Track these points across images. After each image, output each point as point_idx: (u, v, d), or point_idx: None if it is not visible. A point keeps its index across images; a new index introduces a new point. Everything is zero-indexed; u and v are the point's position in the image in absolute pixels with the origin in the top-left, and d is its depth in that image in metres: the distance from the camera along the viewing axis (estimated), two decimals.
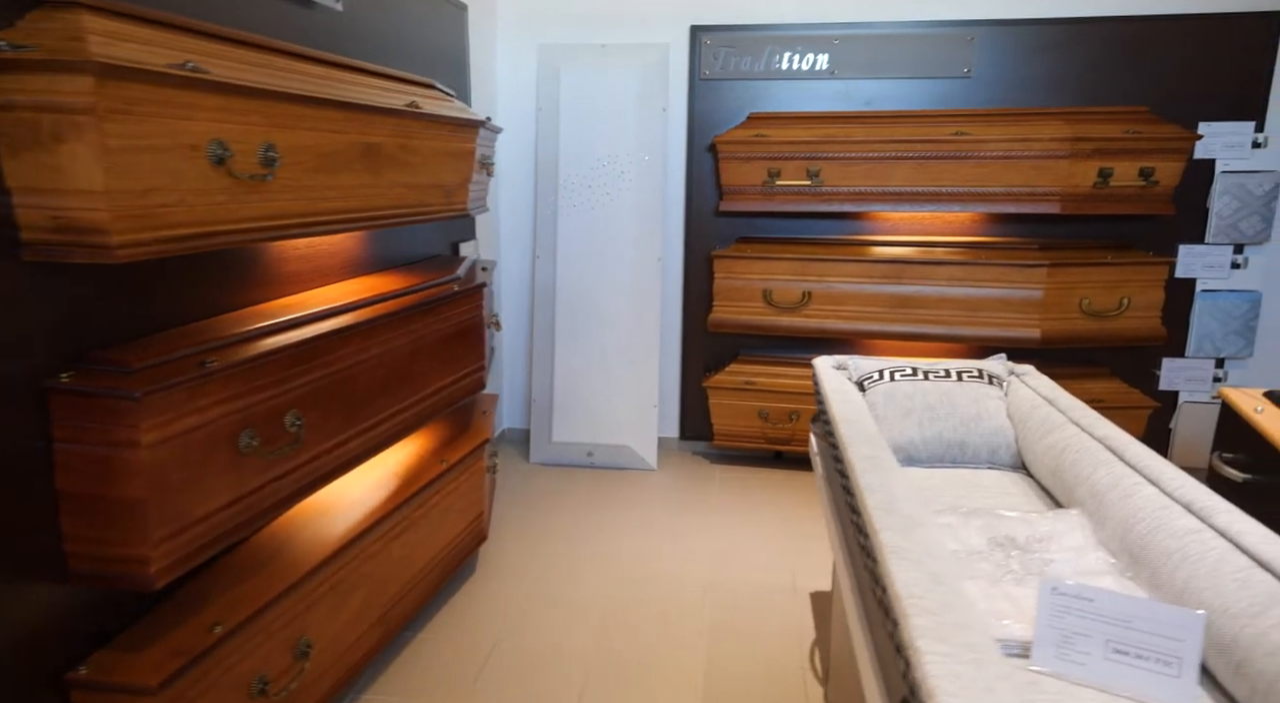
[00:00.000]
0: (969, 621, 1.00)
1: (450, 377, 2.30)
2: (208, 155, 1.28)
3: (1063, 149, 3.06)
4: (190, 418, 1.30)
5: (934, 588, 1.05)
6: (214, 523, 1.39)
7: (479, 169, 2.50)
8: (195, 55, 1.27)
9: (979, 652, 0.93)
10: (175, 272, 1.52)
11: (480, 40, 3.45)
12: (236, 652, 1.46)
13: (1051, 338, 3.22)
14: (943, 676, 0.85)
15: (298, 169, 1.53)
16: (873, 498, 1.32)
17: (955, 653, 0.90)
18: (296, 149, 1.51)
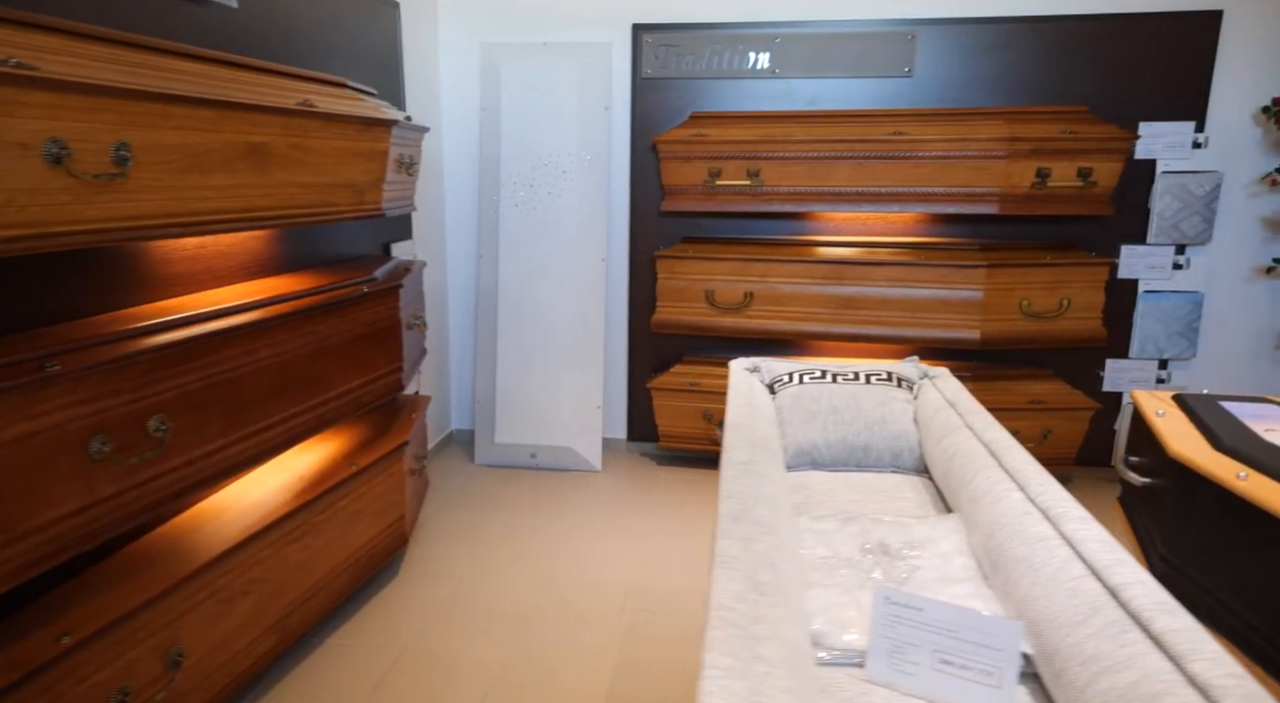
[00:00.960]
0: (779, 633, 0.98)
1: (360, 379, 2.27)
2: (42, 154, 1.25)
3: (1000, 149, 3.04)
4: (25, 424, 1.27)
5: (751, 599, 1.02)
6: (58, 531, 1.35)
7: (397, 169, 2.47)
8: (28, 51, 1.24)
9: (774, 665, 0.91)
10: (27, 272, 1.49)
11: (420, 39, 3.42)
12: (91, 662, 1.43)
13: (992, 339, 3.20)
14: (713, 692, 0.82)
15: (162, 168, 1.50)
16: (725, 505, 1.30)
17: (739, 667, 0.87)
18: (158, 148, 1.48)
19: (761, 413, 1.88)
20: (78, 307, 1.60)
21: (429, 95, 3.56)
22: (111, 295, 1.69)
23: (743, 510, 1.28)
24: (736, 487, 1.38)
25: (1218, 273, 3.33)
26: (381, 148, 2.28)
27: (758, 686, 0.84)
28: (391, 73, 3.09)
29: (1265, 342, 3.36)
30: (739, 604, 1.00)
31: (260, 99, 1.75)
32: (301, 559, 2.05)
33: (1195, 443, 1.70)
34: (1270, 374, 3.38)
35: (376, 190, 2.32)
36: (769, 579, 1.09)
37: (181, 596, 1.64)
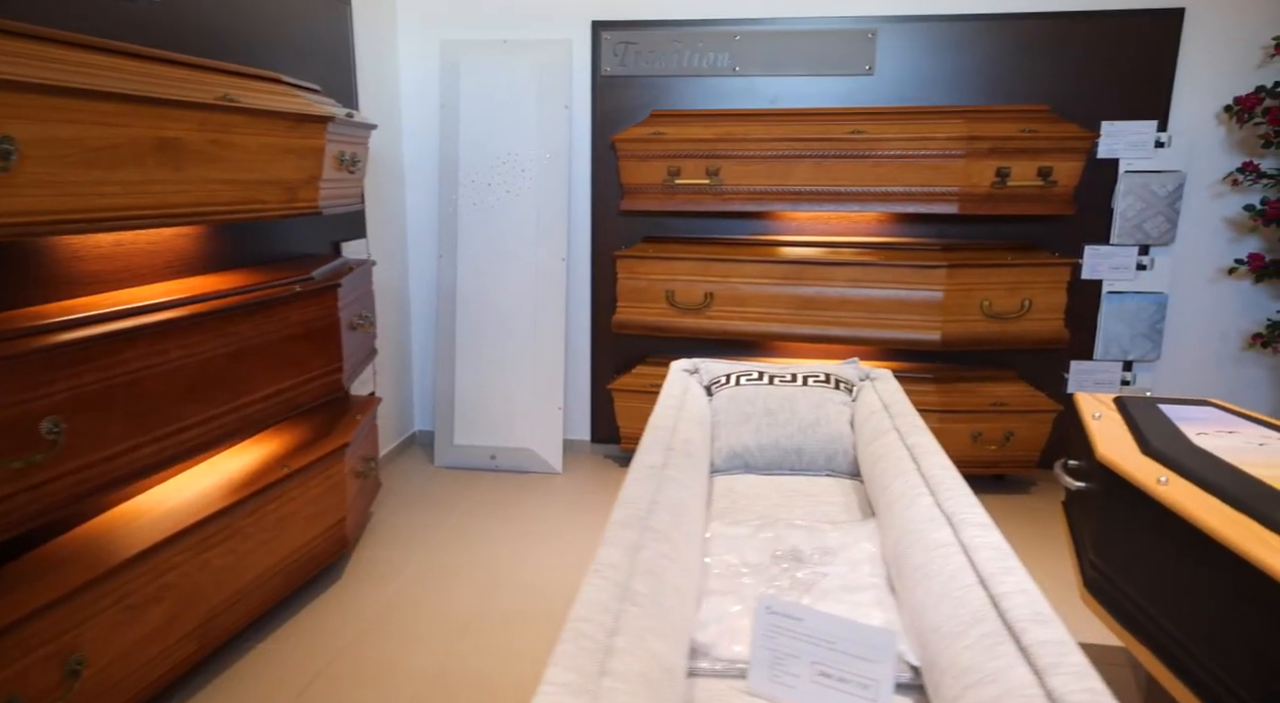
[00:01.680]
0: (642, 645, 0.93)
1: (292, 381, 2.23)
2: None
3: (959, 148, 3.01)
4: None
5: (615, 609, 0.98)
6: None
7: (337, 166, 2.43)
8: None
9: (627, 680, 0.86)
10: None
11: (378, 36, 3.38)
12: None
13: (952, 340, 3.16)
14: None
15: (55, 163, 1.46)
16: (619, 511, 1.26)
17: (581, 684, 0.83)
18: (50, 142, 1.44)
19: (691, 415, 1.84)
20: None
21: (388, 93, 3.52)
22: (11, 293, 1.64)
23: (636, 517, 1.24)
24: (635, 491, 1.34)
25: (1182, 273, 3.30)
26: (316, 145, 2.24)
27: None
28: (342, 69, 3.05)
29: (1230, 343, 3.32)
30: (600, 615, 0.95)
31: (173, 93, 1.71)
32: (225, 564, 2.01)
33: (1124, 446, 1.66)
34: (1235, 375, 3.34)
35: (312, 188, 2.28)
36: (646, 589, 1.05)
37: (82, 603, 1.60)
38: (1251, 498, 1.34)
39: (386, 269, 3.56)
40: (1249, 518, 1.29)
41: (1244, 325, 3.28)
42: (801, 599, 1.27)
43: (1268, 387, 3.31)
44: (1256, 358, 3.30)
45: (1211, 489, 1.40)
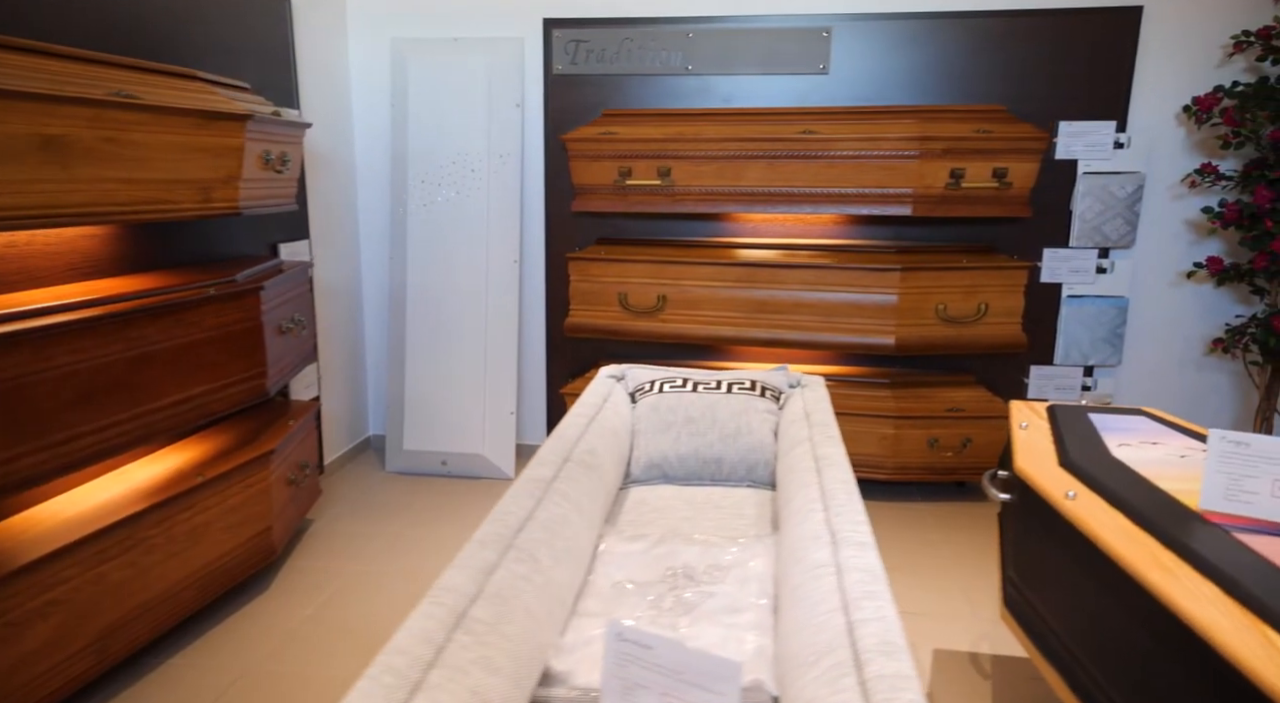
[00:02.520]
0: (464, 679, 0.87)
1: (207, 386, 2.16)
2: None
3: (912, 149, 2.94)
4: None
5: (440, 641, 0.91)
6: None
7: (262, 166, 2.36)
8: None
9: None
10: None
11: (327, 34, 3.32)
12: None
13: (907, 344, 3.09)
14: None
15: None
16: (483, 528, 1.19)
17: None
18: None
19: (605, 424, 1.77)
20: None
21: (338, 92, 3.45)
22: None
23: (499, 535, 1.17)
24: (510, 506, 1.27)
25: (1142, 277, 3.23)
26: (233, 143, 2.17)
27: None
28: (281, 68, 2.98)
29: (1193, 348, 3.26)
30: (419, 647, 0.89)
31: (58, 89, 1.64)
32: (125, 577, 1.93)
33: (1043, 458, 1.59)
34: (1197, 381, 3.28)
35: (230, 187, 2.21)
36: (487, 615, 0.98)
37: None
38: (1155, 514, 1.27)
39: (337, 271, 3.49)
40: (1149, 536, 1.23)
41: (1206, 330, 3.22)
42: (679, 621, 1.20)
43: (1230, 392, 3.25)
44: (1219, 363, 3.24)
45: (1118, 504, 1.33)
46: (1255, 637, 0.96)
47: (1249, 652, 0.93)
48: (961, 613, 2.38)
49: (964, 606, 2.43)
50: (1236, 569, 1.09)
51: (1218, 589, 1.08)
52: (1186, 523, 1.25)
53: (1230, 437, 1.26)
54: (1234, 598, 1.05)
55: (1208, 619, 1.01)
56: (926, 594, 2.51)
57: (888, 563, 2.73)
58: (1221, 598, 1.05)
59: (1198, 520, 1.26)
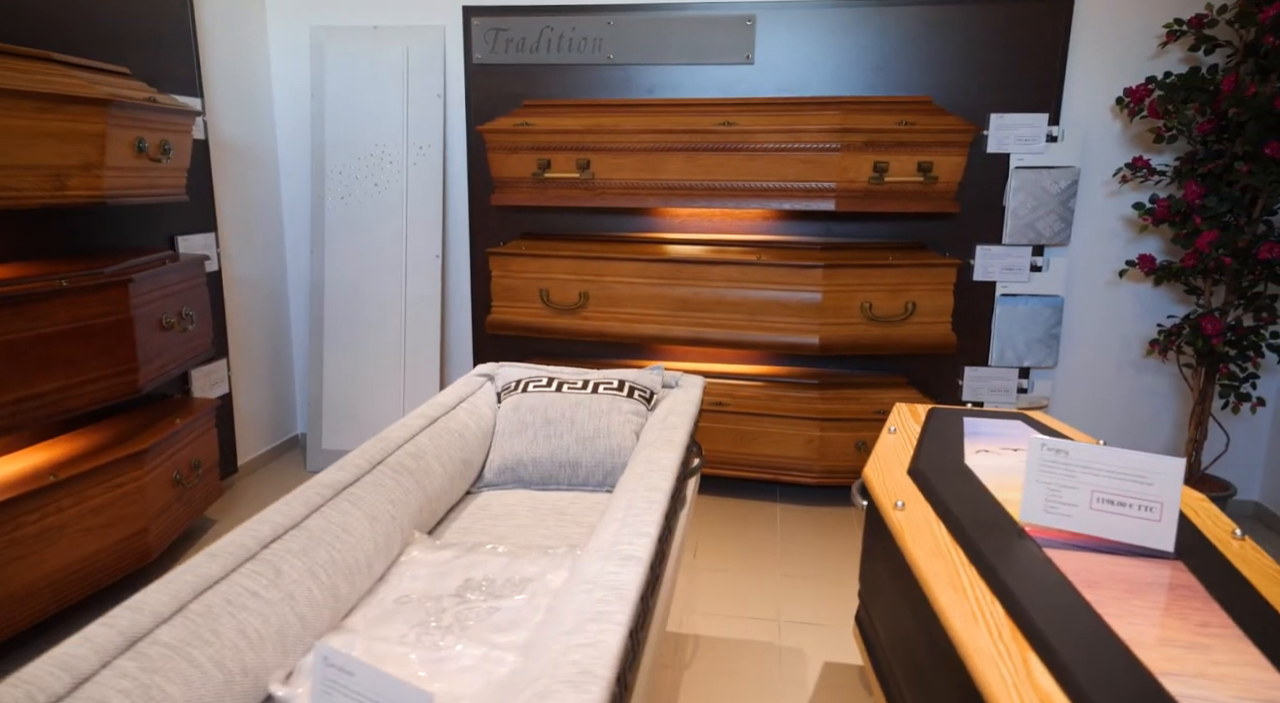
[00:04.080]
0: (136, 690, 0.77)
1: (61, 382, 2.07)
2: None
3: (834, 141, 2.84)
4: None
5: (90, 666, 0.82)
6: None
7: (135, 154, 2.27)
8: None
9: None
10: None
11: (240, 20, 3.22)
12: None
13: (831, 344, 2.99)
14: None
15: None
16: (225, 538, 1.09)
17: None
18: None
19: (451, 425, 1.68)
20: None
21: (257, 81, 3.36)
22: None
23: (240, 545, 1.08)
24: (272, 514, 1.18)
25: (1078, 276, 3.13)
26: (93, 129, 2.08)
27: None
28: (181, 54, 2.88)
29: (1131, 349, 3.15)
30: (48, 677, 0.79)
31: None
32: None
33: (893, 464, 1.50)
34: (1136, 383, 3.17)
35: (91, 175, 2.12)
36: (173, 637, 0.89)
37: None
38: (974, 527, 1.17)
39: (255, 265, 3.40)
40: (959, 550, 1.13)
41: (1144, 330, 3.11)
42: (445, 639, 1.10)
43: (1170, 395, 3.14)
44: (1158, 365, 3.13)
45: (943, 516, 1.24)
46: (1009, 666, 0.86)
47: (996, 681, 0.83)
48: None
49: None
50: (1027, 591, 0.99)
51: (1003, 611, 0.98)
52: (1002, 538, 1.15)
53: (1049, 444, 1.16)
54: (1014, 621, 0.95)
55: (973, 645, 0.91)
56: (832, 605, 2.42)
57: (801, 571, 2.64)
58: (1003, 622, 0.96)
59: (1015, 535, 1.16)
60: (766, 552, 2.80)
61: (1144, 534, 1.11)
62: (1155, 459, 1.11)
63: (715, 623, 2.34)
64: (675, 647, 2.22)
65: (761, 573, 2.65)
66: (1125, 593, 1.01)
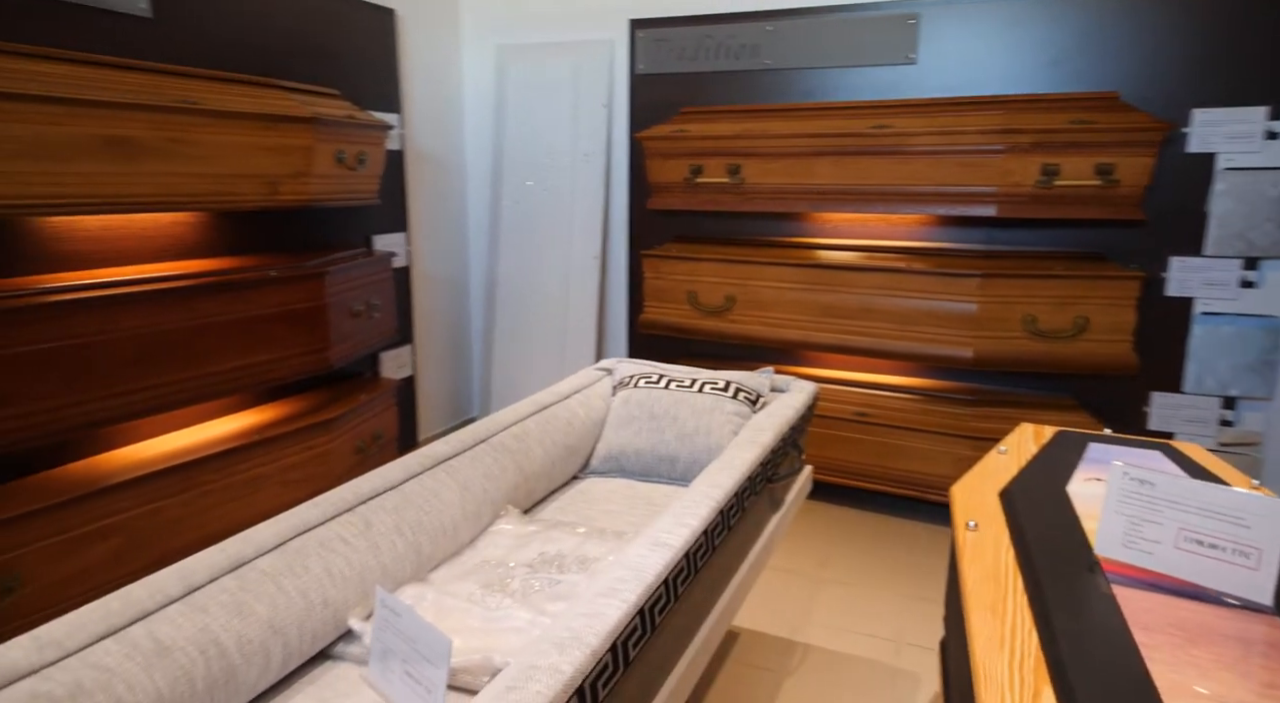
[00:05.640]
0: (189, 616, 0.96)
1: (267, 356, 2.46)
2: None
3: (996, 142, 2.67)
4: None
5: (202, 579, 1.02)
6: None
7: (334, 164, 2.64)
8: None
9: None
10: None
11: (438, 44, 3.61)
12: None
13: (987, 358, 2.81)
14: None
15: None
16: (331, 492, 1.28)
17: None
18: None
19: (562, 413, 1.81)
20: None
21: (450, 97, 3.74)
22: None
23: (340, 499, 1.26)
24: (374, 476, 1.35)
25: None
26: (301, 143, 2.46)
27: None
28: (386, 76, 3.29)
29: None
30: (169, 583, 0.99)
31: (121, 97, 1.96)
32: (181, 515, 2.26)
33: (987, 484, 1.42)
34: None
35: (299, 182, 2.50)
36: (271, 566, 1.08)
37: (21, 529, 1.88)
38: (1044, 555, 1.11)
39: (443, 262, 3.79)
40: (1020, 577, 1.08)
41: None
42: (503, 601, 1.22)
43: None
44: None
45: (1017, 540, 1.17)
46: (1016, 698, 0.82)
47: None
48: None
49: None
50: (1070, 624, 0.93)
51: (1036, 642, 0.93)
52: (1069, 568, 1.08)
53: (1133, 473, 1.06)
54: (1045, 653, 0.90)
55: (985, 670, 0.88)
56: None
57: (934, 595, 2.51)
58: (1032, 652, 0.91)
59: (1086, 567, 1.08)
60: (899, 571, 2.70)
61: (1236, 582, 0.99)
62: (1256, 499, 0.98)
63: (830, 635, 2.31)
64: (782, 652, 2.21)
65: (890, 592, 2.56)
66: (1186, 641, 0.91)
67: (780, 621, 2.38)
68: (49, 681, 0.81)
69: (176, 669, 0.89)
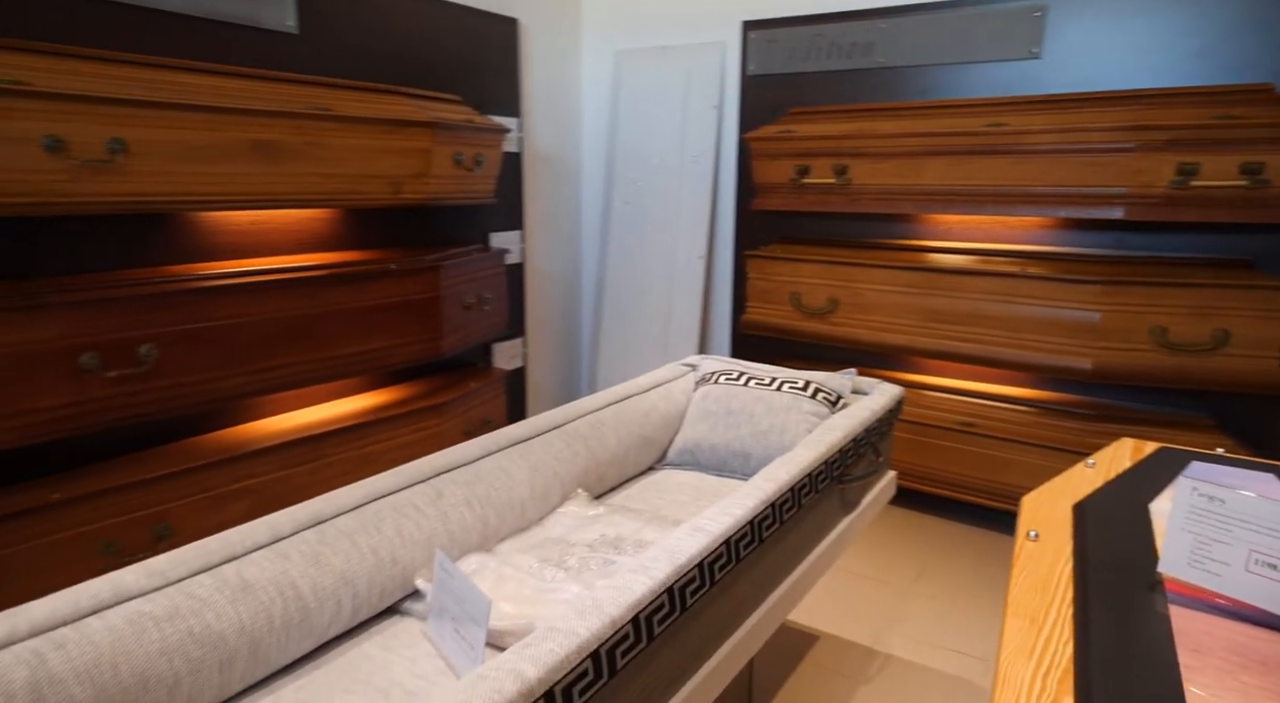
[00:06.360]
0: (273, 561, 1.10)
1: (384, 342, 2.67)
2: (41, 144, 1.78)
3: (1125, 140, 2.51)
4: (17, 336, 1.81)
5: (287, 530, 1.15)
6: (53, 415, 1.90)
7: (453, 165, 2.83)
8: (24, 70, 1.78)
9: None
10: (73, 233, 2.08)
11: (558, 51, 3.77)
12: (77, 517, 1.97)
13: (1108, 371, 2.64)
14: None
15: (158, 158, 2.00)
16: (408, 465, 1.40)
17: None
18: (154, 142, 1.98)
19: (639, 405, 1.88)
20: (115, 260, 2.19)
21: (568, 101, 3.89)
22: (165, 255, 2.26)
23: (415, 470, 1.37)
24: (452, 452, 1.46)
25: None
26: (421, 146, 2.65)
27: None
28: (509, 82, 3.47)
29: None
30: (258, 531, 1.13)
31: (264, 105, 2.20)
32: (306, 483, 2.49)
33: (1063, 496, 1.37)
34: None
35: (419, 182, 2.69)
36: (347, 526, 1.20)
37: (171, 486, 2.15)
38: (1103, 569, 1.07)
39: (557, 259, 3.95)
40: (1072, 590, 1.04)
41: None
42: (556, 574, 1.29)
43: None
44: None
45: (1079, 553, 1.13)
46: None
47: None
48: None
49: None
50: (1110, 639, 0.90)
51: (1069, 655, 0.90)
52: (1127, 584, 1.02)
53: (1203, 489, 1.00)
54: (1076, 666, 0.87)
55: (1005, 675, 0.86)
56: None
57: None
58: (1060, 664, 0.88)
59: (1147, 585, 1.03)
60: (997, 589, 2.58)
61: None
62: None
63: (914, 647, 2.25)
64: (861, 659, 2.18)
65: (984, 610, 2.46)
66: (1238, 667, 0.85)
67: (864, 628, 2.33)
68: (151, 602, 0.95)
69: (257, 605, 1.02)
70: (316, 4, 2.65)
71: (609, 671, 0.89)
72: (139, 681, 0.89)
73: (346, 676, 1.07)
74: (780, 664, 2.10)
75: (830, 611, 2.41)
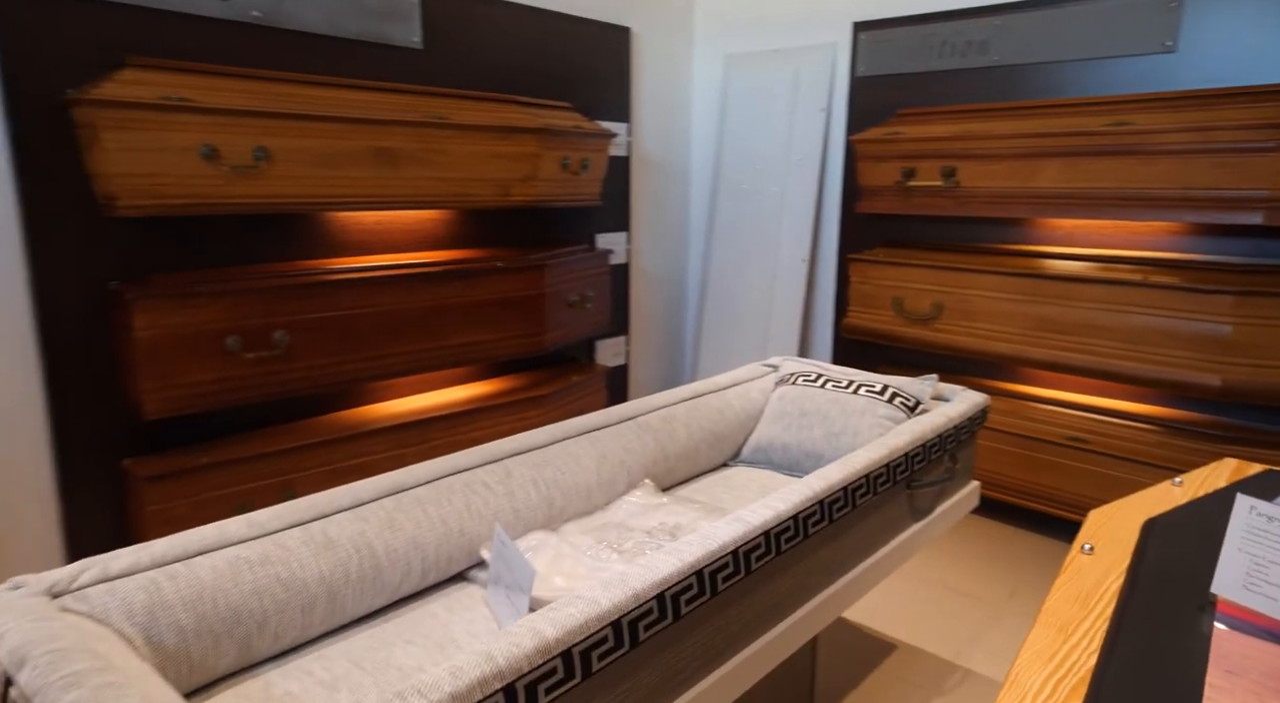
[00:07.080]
0: (353, 523, 1.24)
1: (490, 336, 2.84)
2: (199, 154, 2.05)
3: (1264, 139, 2.31)
4: (175, 320, 2.09)
5: (368, 497, 1.29)
6: (202, 389, 2.18)
7: (559, 169, 2.98)
8: (186, 88, 2.05)
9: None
10: (221, 230, 2.36)
11: (670, 57, 3.87)
12: (220, 479, 2.25)
13: (1239, 389, 2.44)
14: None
15: (294, 163, 2.24)
16: (483, 445, 1.52)
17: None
18: (292, 150, 2.22)
19: (714, 403, 1.93)
20: (264, 254, 2.46)
21: (679, 106, 3.98)
22: (302, 251, 2.53)
23: (486, 451, 1.49)
24: (524, 437, 1.57)
25: None
26: (529, 151, 2.81)
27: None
28: (619, 88, 3.59)
29: None
30: (341, 497, 1.27)
31: (384, 115, 2.41)
32: (412, 463, 2.70)
33: (1137, 512, 1.31)
34: None
35: (529, 185, 2.86)
36: (424, 496, 1.33)
37: (296, 458, 2.40)
38: (1154, 584, 1.04)
39: (661, 260, 4.05)
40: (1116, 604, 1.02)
41: None
42: (609, 555, 1.37)
43: None
44: None
45: (1133, 568, 1.10)
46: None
47: None
48: None
49: None
50: (1137, 654, 0.88)
51: (1091, 666, 0.89)
52: (1173, 603, 0.99)
53: (1261, 509, 0.95)
54: (1095, 676, 0.86)
55: (1015, 677, 0.86)
56: None
57: None
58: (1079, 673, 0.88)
59: (1196, 605, 0.99)
60: None
61: None
62: None
63: (997, 665, 2.17)
64: (939, 672, 2.13)
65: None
66: (1270, 691, 0.81)
67: (946, 642, 2.28)
68: (249, 549, 1.11)
69: (336, 560, 1.17)
70: (440, 21, 2.86)
71: (630, 641, 0.96)
72: (233, 614, 1.04)
73: (410, 629, 1.20)
74: (849, 669, 2.09)
75: (913, 622, 2.36)
